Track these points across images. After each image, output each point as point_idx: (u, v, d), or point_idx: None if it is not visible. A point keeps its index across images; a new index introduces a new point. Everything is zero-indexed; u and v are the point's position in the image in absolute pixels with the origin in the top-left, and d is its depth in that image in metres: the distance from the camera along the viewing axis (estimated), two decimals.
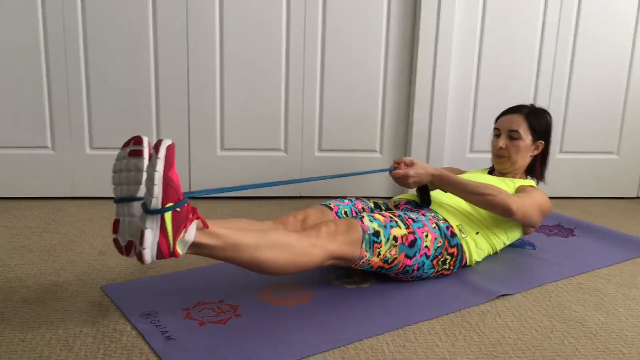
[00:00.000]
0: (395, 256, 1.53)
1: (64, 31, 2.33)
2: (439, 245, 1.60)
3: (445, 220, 1.67)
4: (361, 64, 2.52)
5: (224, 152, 2.54)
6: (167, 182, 1.15)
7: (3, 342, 1.25)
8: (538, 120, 1.92)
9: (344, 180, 2.62)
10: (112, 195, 2.46)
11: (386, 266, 1.54)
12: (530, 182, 1.95)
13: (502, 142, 1.92)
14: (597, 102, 2.70)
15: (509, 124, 1.92)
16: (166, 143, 1.16)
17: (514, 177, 1.96)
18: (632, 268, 1.85)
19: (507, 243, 1.87)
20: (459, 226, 1.69)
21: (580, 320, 1.46)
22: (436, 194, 1.83)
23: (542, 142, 1.93)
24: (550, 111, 2.66)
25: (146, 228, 1.15)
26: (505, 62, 2.59)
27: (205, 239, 1.25)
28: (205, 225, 1.25)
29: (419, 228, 1.58)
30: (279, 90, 2.51)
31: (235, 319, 1.39)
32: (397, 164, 1.76)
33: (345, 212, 1.74)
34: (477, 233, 1.75)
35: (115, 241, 1.24)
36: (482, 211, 1.77)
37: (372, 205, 1.81)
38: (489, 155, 2.31)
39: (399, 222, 1.57)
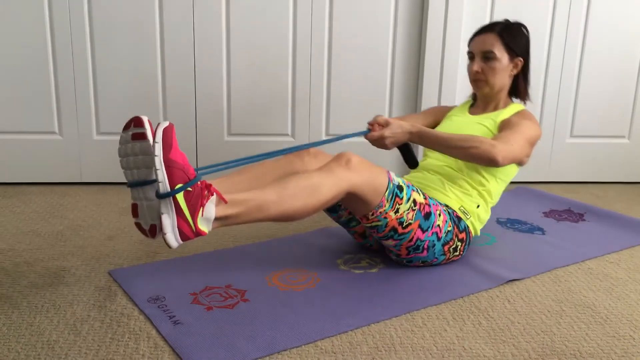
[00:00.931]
0: (410, 221, 1.51)
1: (70, 17, 2.31)
2: (449, 229, 1.59)
3: (447, 206, 1.65)
4: (369, 49, 2.50)
5: (231, 137, 2.53)
6: (170, 165, 1.15)
7: (12, 326, 1.26)
8: (513, 37, 1.74)
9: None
10: (119, 180, 2.46)
11: (400, 229, 1.51)
12: (515, 107, 1.79)
13: (476, 65, 1.75)
14: (608, 86, 2.66)
15: (482, 45, 1.75)
16: (162, 126, 1.15)
17: (496, 108, 1.81)
18: None
19: (506, 185, 1.77)
20: (461, 208, 1.66)
21: (590, 305, 1.44)
22: (428, 161, 1.78)
23: (521, 59, 1.76)
24: (561, 95, 2.64)
25: (162, 213, 1.15)
26: None
27: (227, 210, 1.25)
28: (224, 201, 1.24)
29: (433, 204, 1.57)
30: (286, 75, 2.49)
31: (242, 304, 1.38)
32: (371, 126, 1.65)
33: None
34: (478, 206, 1.69)
35: (137, 225, 1.25)
36: (475, 177, 1.69)
37: None
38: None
39: (419, 190, 1.56)
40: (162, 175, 1.14)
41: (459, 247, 1.63)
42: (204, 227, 1.20)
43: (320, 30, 2.45)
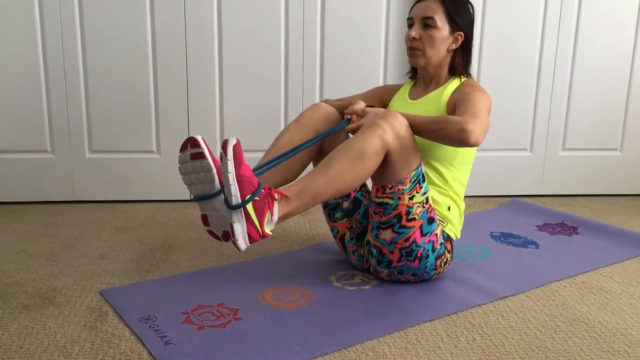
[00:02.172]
0: (415, 217, 1.51)
1: (62, 35, 2.32)
2: (442, 242, 1.58)
3: None
4: (360, 64, 2.51)
5: None
6: (241, 179, 1.26)
7: (1, 349, 1.24)
8: (457, 9, 1.63)
9: None
10: (112, 198, 2.46)
11: (404, 220, 1.50)
12: (455, 82, 1.68)
13: (414, 31, 1.64)
14: (600, 98, 2.68)
15: (423, 10, 1.63)
16: (232, 143, 1.25)
17: (436, 87, 1.70)
18: (637, 266, 1.83)
19: (469, 167, 1.69)
20: (437, 216, 1.60)
21: (585, 320, 1.44)
22: None
23: (462, 33, 1.65)
24: (553, 107, 2.66)
25: (234, 222, 1.27)
26: (506, 59, 2.57)
27: (287, 207, 1.36)
28: (287, 197, 1.36)
29: (436, 215, 1.58)
30: (278, 90, 2.49)
31: (235, 323, 1.37)
32: (350, 116, 1.58)
33: None
34: (449, 208, 1.63)
35: (210, 232, 1.36)
36: (432, 175, 1.62)
37: None
38: (494, 153, 2.30)
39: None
40: (235, 190, 1.26)
41: (448, 259, 1.63)
42: (269, 229, 1.33)
43: (312, 45, 2.45)
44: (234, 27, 2.40)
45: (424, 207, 1.52)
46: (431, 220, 1.53)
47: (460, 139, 1.42)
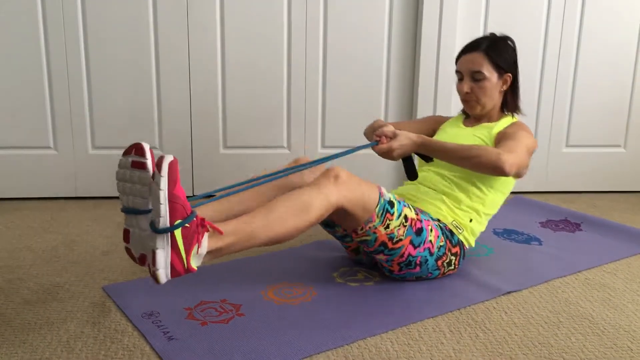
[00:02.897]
0: (401, 237, 1.49)
1: (65, 31, 2.32)
2: (441, 244, 1.58)
3: (439, 220, 1.64)
4: (363, 61, 2.50)
5: (227, 150, 2.53)
6: (173, 200, 1.12)
7: (4, 344, 1.25)
8: (500, 54, 1.71)
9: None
10: (115, 195, 2.46)
11: (390, 245, 1.50)
12: (507, 120, 1.78)
13: (466, 86, 1.73)
14: (603, 95, 2.67)
15: (470, 65, 1.72)
16: (168, 159, 1.12)
17: (489, 121, 1.79)
18: None
19: (504, 197, 1.75)
20: (453, 222, 1.64)
21: (588, 316, 1.44)
22: (424, 174, 1.76)
23: (510, 74, 1.73)
24: (556, 105, 2.65)
25: (157, 248, 1.11)
26: None
27: (219, 243, 1.22)
28: (219, 232, 1.22)
29: (425, 220, 1.56)
30: (280, 87, 2.49)
31: (237, 319, 1.37)
32: (379, 138, 1.63)
33: None
34: (471, 220, 1.67)
35: (128, 250, 1.22)
36: (470, 189, 1.67)
37: None
38: None
39: (410, 205, 1.55)
40: (164, 210, 1.11)
41: (453, 261, 1.62)
42: (194, 263, 1.18)
43: (315, 43, 2.45)
44: (236, 26, 2.40)
45: (405, 225, 1.50)
46: (420, 231, 1.53)
47: (494, 167, 1.51)
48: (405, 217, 1.50)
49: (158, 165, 1.12)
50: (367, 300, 1.49)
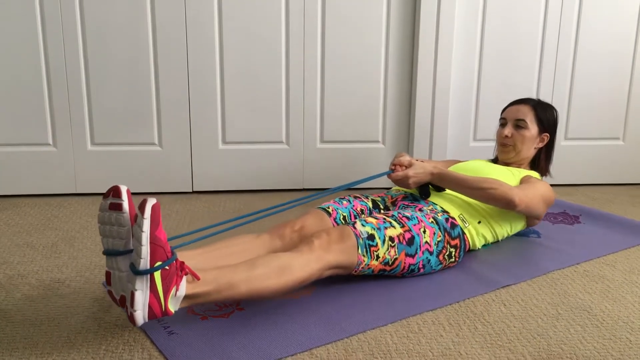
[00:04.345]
0: (395, 257, 1.51)
1: (63, 28, 2.31)
2: (439, 239, 1.58)
3: (445, 211, 1.65)
4: (362, 56, 2.50)
5: (226, 146, 2.53)
6: (155, 242, 1.13)
7: (5, 339, 1.25)
8: (545, 112, 1.92)
9: (345, 171, 2.60)
10: None
11: (388, 268, 1.52)
12: (535, 173, 1.93)
13: (508, 130, 1.91)
14: (602, 88, 2.67)
15: (516, 113, 1.92)
16: (151, 202, 1.14)
17: (519, 167, 1.94)
18: (639, 254, 1.83)
19: (511, 233, 1.86)
20: (461, 216, 1.68)
21: (586, 308, 1.44)
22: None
23: (548, 134, 1.92)
24: (554, 97, 2.65)
25: (136, 290, 1.12)
26: (508, 47, 2.56)
27: (197, 289, 1.22)
28: (197, 278, 1.22)
29: (414, 225, 1.56)
30: (279, 82, 2.49)
31: (237, 313, 1.38)
32: (394, 166, 1.74)
33: (344, 217, 1.69)
34: (479, 222, 1.73)
35: (110, 292, 1.22)
36: (483, 218, 1.76)
37: (370, 204, 1.78)
38: (493, 144, 2.30)
39: (393, 222, 1.54)
40: (145, 252, 1.12)
41: (453, 253, 1.63)
42: (172, 306, 1.18)
43: (312, 38, 2.45)
44: (234, 22, 2.40)
45: (393, 246, 1.51)
46: (411, 241, 1.54)
47: (505, 198, 1.63)
48: (391, 239, 1.51)
49: (141, 207, 1.13)
50: (366, 293, 1.50)
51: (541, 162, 1.97)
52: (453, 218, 1.65)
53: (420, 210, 1.64)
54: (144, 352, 1.21)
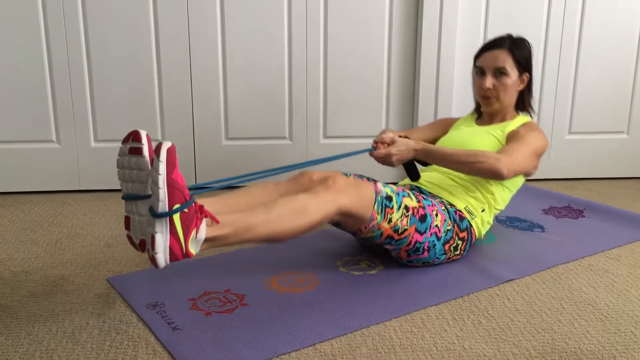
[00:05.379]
0: (406, 227, 1.51)
1: (65, 25, 2.31)
2: (449, 228, 1.58)
3: (451, 204, 1.65)
4: (364, 51, 2.49)
5: (229, 142, 2.52)
6: (172, 184, 1.14)
7: (10, 336, 1.25)
8: (521, 52, 1.78)
9: (346, 167, 2.60)
10: (118, 187, 2.46)
11: (396, 236, 1.51)
12: (521, 119, 1.83)
13: (488, 82, 1.76)
14: (606, 81, 2.66)
15: (494, 61, 1.76)
16: (166, 145, 1.14)
17: (503, 120, 1.84)
18: None
19: (512, 194, 1.79)
20: (467, 208, 1.67)
21: (591, 302, 1.44)
22: (430, 173, 1.80)
23: (527, 74, 1.79)
24: (558, 92, 2.64)
25: (156, 232, 1.14)
26: None
27: (217, 231, 1.24)
28: (216, 221, 1.24)
29: (428, 205, 1.56)
30: (282, 78, 2.48)
31: (241, 308, 1.38)
32: (376, 144, 1.67)
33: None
34: (483, 210, 1.71)
35: (129, 237, 1.24)
36: (481, 182, 1.71)
37: None
38: None
39: (410, 194, 1.55)
40: (163, 194, 1.13)
41: (460, 245, 1.63)
42: (193, 248, 1.20)
43: (315, 33, 2.44)
44: (237, 18, 2.39)
45: (407, 216, 1.51)
46: (424, 218, 1.54)
47: (493, 172, 1.57)
48: (406, 208, 1.51)
49: (157, 151, 1.14)
50: (370, 288, 1.50)
51: (525, 102, 1.85)
52: (460, 211, 1.64)
53: (433, 197, 1.65)
54: (148, 347, 1.21)
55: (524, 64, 1.78)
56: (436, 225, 1.55)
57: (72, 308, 1.39)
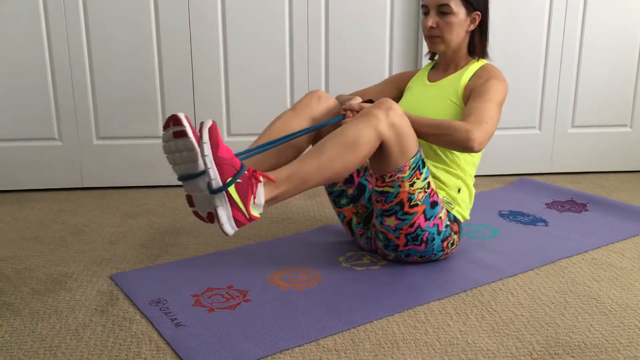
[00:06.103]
0: (418, 202, 1.49)
1: (67, 23, 2.31)
2: (447, 223, 1.58)
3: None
4: (365, 46, 2.49)
5: (231, 138, 2.52)
6: (219, 162, 1.22)
7: (14, 333, 1.26)
8: None
9: None
10: (120, 184, 2.47)
11: (406, 207, 1.49)
12: (475, 65, 1.68)
13: (431, 20, 1.62)
14: (609, 75, 2.64)
15: None
16: (207, 124, 1.21)
17: (455, 70, 1.70)
18: None
19: (480, 155, 1.71)
20: (444, 198, 1.60)
21: (595, 296, 1.43)
22: None
23: (479, 13, 1.64)
24: (561, 85, 2.63)
25: (217, 206, 1.23)
26: (513, 37, 2.54)
27: (275, 191, 1.32)
28: (272, 181, 1.31)
29: (440, 198, 1.56)
30: (283, 74, 2.48)
31: (244, 304, 1.38)
32: (344, 112, 1.58)
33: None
34: (459, 190, 1.64)
35: (195, 213, 1.32)
36: (445, 154, 1.63)
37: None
38: (503, 132, 2.30)
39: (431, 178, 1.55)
40: (213, 173, 1.21)
41: (455, 240, 1.62)
42: (255, 212, 1.29)
43: (317, 31, 2.44)
44: (237, 16, 2.39)
45: (425, 192, 1.50)
46: (434, 204, 1.52)
47: (464, 147, 1.47)
48: (428, 184, 1.51)
49: (199, 131, 1.22)
50: (373, 284, 1.50)
51: (476, 45, 1.68)
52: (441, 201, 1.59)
53: None
54: (152, 344, 1.22)
55: (474, 2, 1.62)
56: (440, 217, 1.54)
57: (76, 305, 1.39)
